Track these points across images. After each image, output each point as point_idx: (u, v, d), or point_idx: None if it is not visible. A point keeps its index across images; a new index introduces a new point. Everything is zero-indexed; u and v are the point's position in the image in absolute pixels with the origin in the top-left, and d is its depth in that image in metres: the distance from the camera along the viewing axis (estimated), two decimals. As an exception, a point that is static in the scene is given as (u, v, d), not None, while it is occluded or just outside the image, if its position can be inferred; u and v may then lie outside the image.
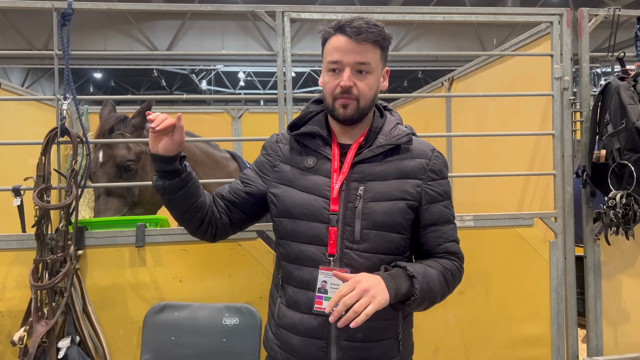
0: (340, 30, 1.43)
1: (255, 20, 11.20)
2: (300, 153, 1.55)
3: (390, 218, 1.44)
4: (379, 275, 1.35)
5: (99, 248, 2.20)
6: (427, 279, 1.39)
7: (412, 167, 1.49)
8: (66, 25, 2.14)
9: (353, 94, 1.44)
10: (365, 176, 1.47)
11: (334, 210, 1.44)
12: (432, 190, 1.50)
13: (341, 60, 1.43)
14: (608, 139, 2.38)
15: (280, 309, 1.52)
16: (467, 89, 3.63)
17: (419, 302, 1.38)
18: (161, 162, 1.50)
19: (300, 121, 1.58)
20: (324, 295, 1.41)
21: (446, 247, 1.50)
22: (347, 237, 1.44)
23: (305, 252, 1.46)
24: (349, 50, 1.42)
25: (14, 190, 2.15)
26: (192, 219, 1.57)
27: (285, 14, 2.36)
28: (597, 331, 2.56)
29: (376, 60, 1.46)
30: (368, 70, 1.45)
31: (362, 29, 1.41)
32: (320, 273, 1.43)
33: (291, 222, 1.48)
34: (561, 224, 2.51)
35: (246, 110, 4.80)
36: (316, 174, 1.49)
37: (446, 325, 2.45)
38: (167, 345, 2.04)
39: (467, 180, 3.67)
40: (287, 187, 1.52)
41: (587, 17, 2.54)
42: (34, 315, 2.01)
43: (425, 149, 1.54)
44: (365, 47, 1.42)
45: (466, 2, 11.69)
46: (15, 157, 3.54)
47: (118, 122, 2.63)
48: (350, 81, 1.42)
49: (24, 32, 10.95)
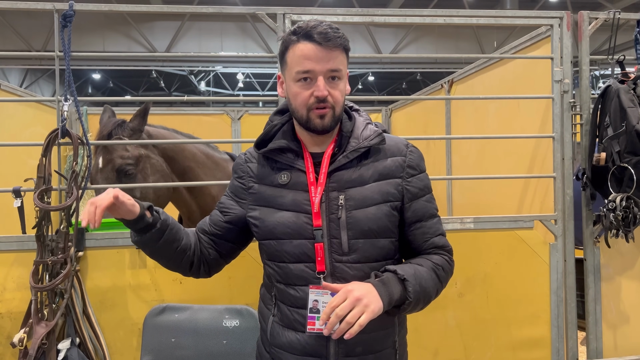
0: (306, 37, 1.36)
1: (255, 22, 11.21)
2: (273, 169, 1.48)
3: (377, 224, 1.40)
4: (370, 282, 1.31)
5: (99, 250, 2.20)
6: (419, 279, 1.35)
7: (390, 167, 1.45)
8: (67, 26, 2.14)
9: (329, 102, 1.38)
10: (343, 184, 1.41)
11: (317, 225, 1.39)
12: (413, 186, 1.46)
13: (313, 69, 1.36)
14: (608, 142, 2.39)
15: (273, 327, 1.47)
16: (467, 92, 3.64)
17: (414, 305, 1.35)
18: (129, 224, 1.42)
19: (266, 137, 1.51)
20: (316, 315, 1.36)
21: (433, 241, 1.47)
22: (335, 250, 1.39)
23: (295, 270, 1.41)
24: (320, 58, 1.35)
25: (14, 192, 2.14)
26: (181, 263, 1.51)
27: (287, 16, 2.36)
28: (596, 333, 2.56)
29: (344, 65, 1.42)
30: (340, 77, 1.40)
31: (330, 34, 1.35)
32: (311, 292, 1.37)
33: (275, 243, 1.43)
34: (561, 226, 2.51)
35: (246, 111, 4.80)
36: (292, 189, 1.43)
37: (446, 327, 2.45)
38: (167, 347, 2.04)
39: (466, 183, 3.67)
40: (265, 207, 1.46)
41: (587, 20, 2.55)
42: (34, 316, 2.00)
43: (400, 145, 1.50)
44: (335, 53, 1.37)
45: (465, 4, 11.72)
46: (14, 158, 3.53)
47: (116, 126, 2.63)
48: (325, 90, 1.36)
49: (23, 32, 10.95)
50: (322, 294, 1.36)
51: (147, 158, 2.66)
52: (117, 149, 2.58)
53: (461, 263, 2.47)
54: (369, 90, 17.94)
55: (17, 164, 3.48)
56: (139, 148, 2.63)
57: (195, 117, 4.77)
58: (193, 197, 2.91)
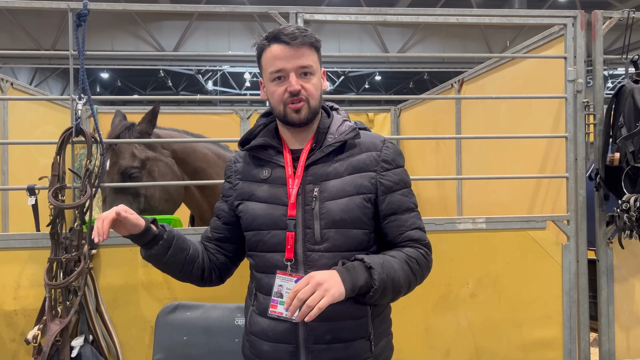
0: (275, 40, 1.47)
1: (263, 22, 11.21)
2: (256, 166, 1.57)
3: (348, 214, 1.45)
4: (335, 269, 1.36)
5: (113, 247, 2.21)
6: (387, 268, 1.39)
7: (364, 160, 1.50)
8: (81, 25, 2.15)
9: (302, 95, 1.46)
10: (319, 177, 1.49)
11: (291, 215, 1.46)
12: (387, 180, 1.50)
13: (284, 67, 1.46)
14: (622, 142, 2.38)
15: (251, 316, 1.55)
16: (477, 91, 3.63)
17: (381, 293, 1.38)
18: (137, 239, 1.51)
19: (250, 135, 1.60)
20: (279, 300, 1.43)
21: (409, 235, 1.50)
22: (309, 239, 1.45)
23: (271, 260, 1.48)
24: (290, 56, 1.45)
25: (28, 190, 2.16)
26: (192, 272, 1.59)
27: (299, 15, 2.36)
28: (609, 335, 2.55)
29: (315, 62, 1.50)
30: (311, 72, 1.49)
31: (296, 34, 1.45)
32: (277, 277, 1.44)
33: (255, 234, 1.51)
34: (574, 226, 2.50)
35: (254, 110, 4.80)
36: (272, 183, 1.52)
37: (457, 327, 2.44)
38: (179, 344, 2.05)
39: (477, 183, 3.66)
40: (247, 201, 1.54)
41: (601, 20, 2.54)
42: (47, 313, 2.01)
43: (375, 141, 1.55)
44: (302, 50, 1.46)
45: (473, 3, 11.67)
46: (26, 156, 3.56)
47: (124, 129, 2.65)
48: (297, 84, 1.45)
49: (32, 31, 11.00)
50: (287, 280, 1.43)
51: (155, 161, 2.66)
52: (123, 152, 2.58)
53: (473, 263, 2.49)
54: (375, 90, 17.91)
55: (29, 162, 3.51)
56: (147, 151, 2.64)
57: (204, 117, 4.77)
58: (205, 197, 2.92)
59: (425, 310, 2.40)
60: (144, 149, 2.63)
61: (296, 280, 1.40)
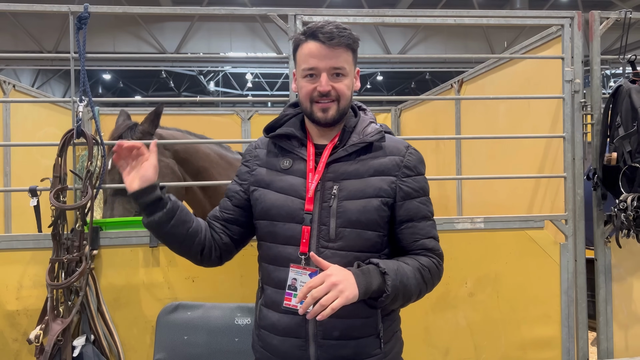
0: (312, 37, 1.46)
1: (265, 23, 11.24)
2: (277, 155, 1.56)
3: (365, 216, 1.45)
4: (351, 270, 1.36)
5: (114, 248, 2.23)
6: (401, 275, 1.39)
7: (386, 164, 1.50)
8: (82, 28, 2.17)
9: (332, 95, 1.47)
10: (339, 175, 1.49)
11: (308, 209, 1.46)
12: (407, 186, 1.50)
13: (317, 66, 1.46)
14: (619, 142, 2.39)
15: (260, 310, 1.55)
16: (477, 91, 3.64)
17: (392, 299, 1.39)
18: (144, 195, 1.47)
19: (276, 124, 1.61)
20: (293, 292, 1.43)
21: (423, 243, 1.50)
22: (323, 236, 1.45)
23: (283, 252, 1.48)
24: (324, 56, 1.45)
25: (30, 191, 2.18)
26: (192, 246, 1.55)
27: (298, 17, 2.38)
28: (607, 334, 2.56)
29: (349, 63, 1.50)
30: (344, 74, 1.48)
31: (334, 34, 1.44)
32: (291, 270, 1.44)
33: (269, 224, 1.50)
34: (572, 226, 2.51)
35: (256, 111, 4.82)
36: (292, 174, 1.51)
37: (456, 326, 2.45)
38: (179, 344, 2.07)
39: (476, 183, 3.67)
40: (264, 189, 1.53)
41: (598, 20, 2.54)
42: (49, 313, 2.03)
43: (399, 146, 1.55)
44: (338, 51, 1.46)
45: (474, 4, 11.67)
46: (28, 157, 3.58)
47: (126, 129, 2.66)
48: (328, 85, 1.46)
49: (34, 33, 11.04)
50: (301, 274, 1.43)
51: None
52: None
53: (472, 263, 2.51)
54: (377, 90, 17.92)
55: (31, 163, 3.53)
56: None
57: (205, 117, 4.80)
58: (207, 197, 2.95)
59: (424, 310, 2.42)
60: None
61: (310, 274, 1.41)
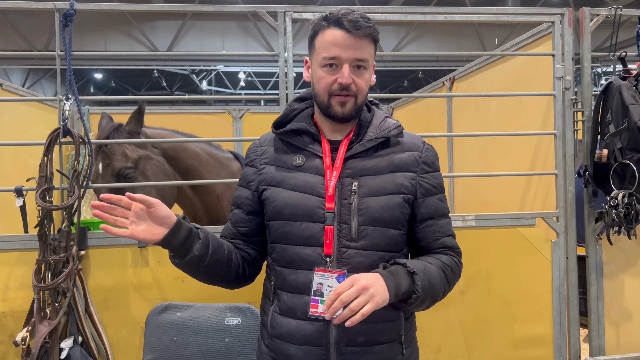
0: (337, 24, 1.36)
1: (256, 21, 11.21)
2: (287, 152, 1.47)
3: (388, 213, 1.39)
4: (379, 272, 1.29)
5: (102, 248, 2.21)
6: (428, 275, 1.34)
7: (405, 160, 1.45)
8: (68, 25, 2.14)
9: (352, 90, 1.39)
10: (358, 171, 1.41)
11: (329, 208, 1.37)
12: (427, 182, 1.45)
13: (340, 56, 1.36)
14: (610, 139, 2.39)
15: (273, 317, 1.43)
16: (468, 89, 3.64)
17: (421, 300, 1.33)
18: (174, 236, 1.33)
19: (285, 119, 1.51)
20: (319, 299, 1.32)
21: (444, 241, 1.46)
22: (344, 235, 1.37)
23: (300, 254, 1.38)
24: (348, 46, 1.36)
25: (16, 191, 2.15)
26: (230, 271, 1.46)
27: (287, 14, 2.36)
28: (599, 331, 2.56)
29: (372, 56, 1.42)
30: (365, 67, 1.41)
31: (360, 23, 1.35)
32: (316, 275, 1.34)
33: (283, 224, 1.40)
34: (563, 223, 2.51)
35: (247, 110, 4.79)
36: (306, 171, 1.42)
37: (448, 325, 2.45)
38: (169, 345, 2.05)
39: (468, 180, 3.67)
40: (275, 187, 1.43)
41: (588, 17, 2.54)
42: (36, 315, 2.01)
43: (416, 141, 1.50)
44: (363, 42, 1.37)
45: (467, 1, 11.69)
46: (16, 157, 3.54)
47: (112, 130, 2.62)
48: (349, 77, 1.37)
49: (24, 32, 10.95)
50: (327, 278, 1.34)
51: (148, 159, 2.64)
52: (115, 153, 2.55)
53: (463, 261, 2.48)
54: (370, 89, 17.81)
55: (20, 163, 3.49)
56: (138, 149, 2.62)
57: (196, 116, 4.76)
58: (197, 196, 2.92)
59: (415, 308, 2.41)
60: (135, 149, 2.61)
61: (337, 277, 1.32)
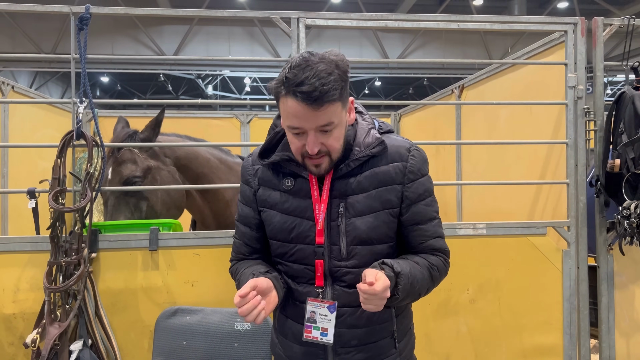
0: (292, 94, 1.28)
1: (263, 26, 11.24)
2: (277, 174, 1.49)
3: (375, 232, 1.43)
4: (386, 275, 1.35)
5: (112, 251, 2.21)
6: (412, 278, 1.38)
7: (389, 173, 1.44)
8: (83, 29, 2.16)
9: (322, 152, 1.37)
10: (344, 192, 1.43)
11: (319, 242, 1.43)
12: (413, 192, 1.46)
13: (302, 126, 1.33)
14: (622, 149, 2.38)
15: (280, 317, 1.57)
16: (477, 97, 3.63)
17: (400, 301, 1.40)
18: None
19: (269, 145, 1.51)
20: (312, 325, 1.45)
21: (430, 244, 1.49)
22: (335, 255, 1.44)
23: (296, 269, 1.48)
24: (308, 117, 1.30)
25: (29, 193, 2.15)
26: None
27: (301, 20, 2.37)
28: (609, 342, 2.54)
29: (338, 113, 1.34)
30: (332, 127, 1.34)
31: (315, 93, 1.26)
32: (309, 304, 1.45)
33: (280, 245, 1.49)
34: (574, 233, 2.50)
35: (255, 115, 4.80)
36: (296, 196, 1.46)
37: (457, 333, 2.43)
38: (178, 349, 2.04)
39: (477, 189, 3.66)
40: (269, 210, 1.50)
41: (601, 27, 2.54)
42: (47, 317, 2.01)
43: (401, 150, 1.47)
44: (322, 110, 1.29)
45: (472, 9, 11.71)
46: (26, 159, 3.56)
47: (127, 137, 2.62)
48: (316, 146, 1.34)
49: (32, 35, 11.01)
50: (319, 307, 1.45)
51: (158, 170, 2.63)
52: (125, 162, 2.55)
53: (473, 269, 2.49)
54: (375, 95, 17.92)
55: (29, 165, 3.50)
56: (149, 160, 2.61)
57: (204, 121, 4.77)
58: (206, 202, 2.91)
59: (425, 316, 2.40)
60: (147, 158, 2.60)
61: (328, 307, 1.44)
